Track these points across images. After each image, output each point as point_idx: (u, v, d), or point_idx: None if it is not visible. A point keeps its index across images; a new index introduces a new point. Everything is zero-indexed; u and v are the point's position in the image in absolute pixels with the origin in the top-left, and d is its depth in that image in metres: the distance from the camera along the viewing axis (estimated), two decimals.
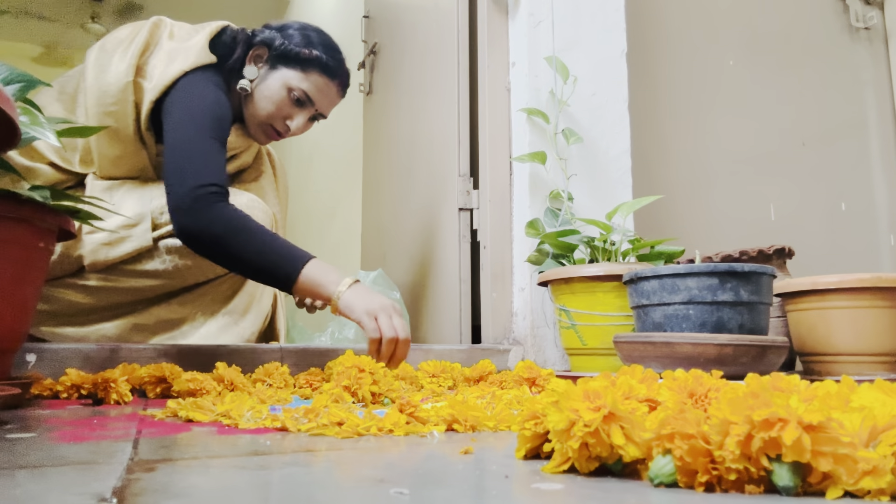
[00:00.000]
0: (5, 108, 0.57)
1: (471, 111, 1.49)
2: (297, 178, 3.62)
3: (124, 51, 1.21)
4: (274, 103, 1.28)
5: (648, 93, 1.62)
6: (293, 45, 1.27)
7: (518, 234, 1.36)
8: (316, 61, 1.28)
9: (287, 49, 1.27)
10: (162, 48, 1.23)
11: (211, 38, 1.26)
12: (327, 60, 1.29)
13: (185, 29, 1.29)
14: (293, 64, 1.28)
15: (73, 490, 0.37)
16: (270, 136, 1.33)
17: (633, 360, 0.86)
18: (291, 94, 1.28)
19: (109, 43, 1.23)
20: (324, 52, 1.29)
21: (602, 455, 0.41)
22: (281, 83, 1.28)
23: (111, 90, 1.18)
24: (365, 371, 0.83)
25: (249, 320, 1.27)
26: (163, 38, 1.25)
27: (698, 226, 1.63)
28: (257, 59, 1.30)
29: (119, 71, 1.19)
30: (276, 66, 1.28)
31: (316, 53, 1.28)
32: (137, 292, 1.19)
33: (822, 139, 1.84)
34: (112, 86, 1.18)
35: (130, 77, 1.19)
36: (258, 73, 1.29)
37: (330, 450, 0.52)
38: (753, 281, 0.85)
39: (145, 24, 1.26)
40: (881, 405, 0.39)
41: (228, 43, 1.28)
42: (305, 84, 1.28)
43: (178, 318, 1.21)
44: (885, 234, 1.86)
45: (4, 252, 0.72)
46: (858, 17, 1.92)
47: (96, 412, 0.74)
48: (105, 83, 1.19)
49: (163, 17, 1.30)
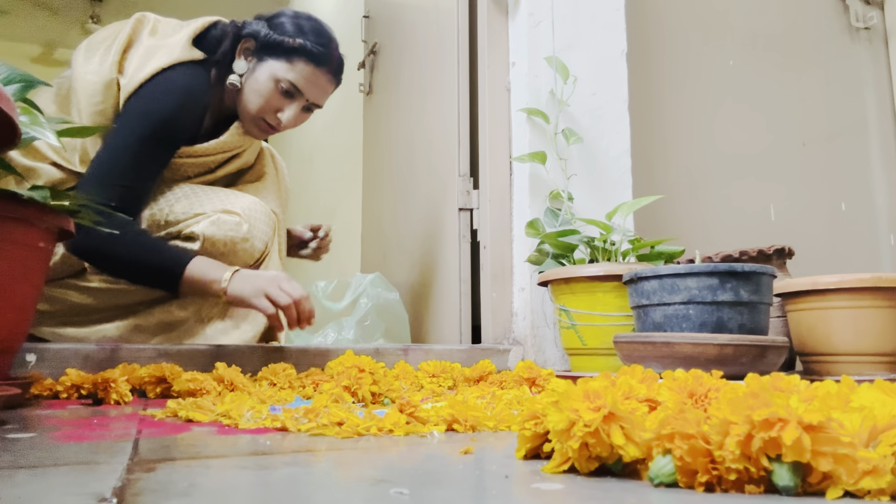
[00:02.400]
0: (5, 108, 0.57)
1: (471, 111, 1.49)
2: (297, 178, 3.61)
3: (107, 49, 1.21)
4: (262, 96, 1.25)
5: (648, 93, 1.62)
6: (278, 35, 1.24)
7: (518, 234, 1.36)
8: (301, 50, 1.24)
9: (271, 39, 1.24)
10: (141, 44, 1.21)
11: (200, 33, 1.24)
12: (313, 48, 1.25)
13: (170, 25, 1.27)
14: (279, 54, 1.25)
15: (73, 490, 0.37)
16: (264, 129, 1.30)
17: (633, 360, 0.86)
18: (279, 86, 1.25)
19: (94, 42, 1.23)
20: (311, 39, 1.25)
21: (602, 455, 0.41)
22: (268, 75, 1.25)
23: (97, 89, 1.18)
24: (365, 371, 0.83)
25: (250, 323, 1.27)
26: (143, 35, 1.23)
27: (698, 226, 1.63)
28: (246, 53, 1.27)
29: (102, 70, 1.18)
30: (263, 58, 1.26)
31: (300, 42, 1.24)
32: (139, 293, 1.19)
33: (823, 139, 1.84)
34: (97, 84, 1.18)
35: (113, 75, 1.18)
36: (247, 66, 1.27)
37: (330, 450, 0.52)
38: (753, 281, 0.85)
39: (128, 22, 1.24)
40: (881, 405, 0.39)
41: (218, 37, 1.26)
42: (292, 74, 1.24)
43: (178, 320, 1.21)
44: (885, 234, 1.86)
45: (5, 252, 0.72)
46: (858, 17, 1.92)
47: (96, 412, 0.74)
48: (90, 82, 1.18)
49: (146, 13, 1.28)
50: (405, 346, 1.25)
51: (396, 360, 1.18)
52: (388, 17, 2.03)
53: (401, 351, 1.22)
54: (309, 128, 2.17)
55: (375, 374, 0.84)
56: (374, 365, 0.85)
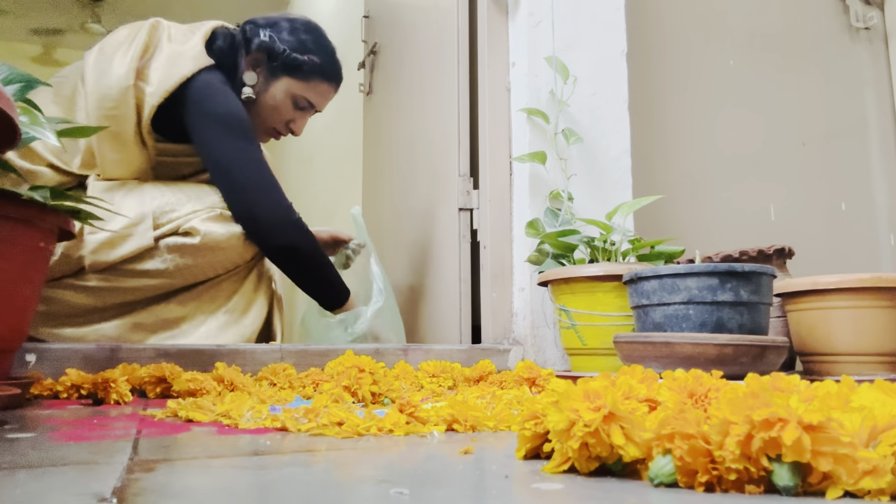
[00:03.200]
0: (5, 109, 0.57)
1: (471, 111, 1.49)
2: (297, 178, 3.62)
3: (124, 53, 1.21)
4: (279, 111, 1.35)
5: (648, 93, 1.62)
6: (293, 54, 1.31)
7: (518, 234, 1.36)
8: (318, 69, 1.33)
9: (288, 58, 1.31)
10: (162, 51, 1.23)
11: (207, 40, 1.27)
12: (326, 66, 1.35)
13: (181, 30, 1.30)
14: (295, 73, 1.33)
15: (73, 490, 0.37)
16: (273, 136, 1.41)
17: (633, 360, 0.85)
18: (296, 103, 1.35)
19: (108, 46, 1.23)
20: (322, 57, 1.34)
21: (602, 455, 0.41)
22: (284, 93, 1.33)
23: (111, 94, 1.19)
24: (365, 371, 0.83)
25: (250, 318, 1.27)
26: (162, 41, 1.25)
27: (698, 226, 1.63)
28: (255, 64, 1.32)
29: (119, 74, 1.19)
30: (277, 75, 1.32)
31: (316, 61, 1.32)
32: (137, 292, 1.19)
33: (823, 139, 1.84)
34: (112, 89, 1.19)
35: (131, 81, 1.19)
36: (257, 78, 1.33)
37: (330, 450, 0.52)
38: (753, 281, 0.85)
39: (143, 26, 1.26)
40: (881, 405, 0.39)
41: (224, 46, 1.30)
42: (310, 93, 1.35)
43: (177, 317, 1.21)
44: (885, 234, 1.86)
45: (5, 252, 0.72)
46: (858, 17, 1.92)
47: (96, 412, 0.74)
48: (105, 87, 1.19)
49: (160, 19, 1.30)
50: (405, 346, 1.26)
51: (396, 360, 1.19)
52: (388, 17, 2.03)
53: (401, 351, 1.22)
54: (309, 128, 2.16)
55: (375, 374, 0.84)
56: (374, 365, 0.85)
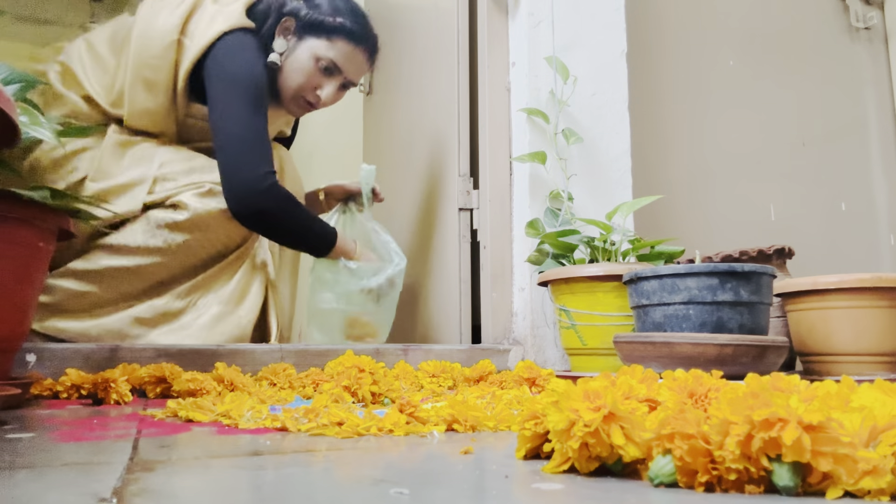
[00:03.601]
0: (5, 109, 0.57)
1: (471, 111, 1.49)
2: None
3: (173, 9, 1.25)
4: (303, 74, 1.32)
5: (648, 93, 1.62)
6: (319, 14, 1.31)
7: (518, 234, 1.36)
8: (341, 28, 1.31)
9: (312, 18, 1.30)
10: (206, 10, 1.26)
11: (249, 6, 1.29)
12: (352, 27, 1.32)
13: None
14: (319, 33, 1.31)
15: (72, 490, 0.37)
16: (303, 107, 1.37)
17: (633, 360, 0.85)
18: (319, 64, 1.31)
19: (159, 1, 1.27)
20: (349, 18, 1.32)
21: (602, 455, 0.41)
22: (309, 53, 1.31)
23: (154, 45, 1.22)
24: (365, 371, 0.83)
25: (245, 308, 1.28)
26: (207, 1, 1.28)
27: (698, 226, 1.63)
28: (286, 31, 1.32)
29: (166, 28, 1.22)
30: (303, 37, 1.31)
31: (340, 20, 1.31)
32: (136, 277, 1.19)
33: (823, 139, 1.84)
34: (156, 40, 1.22)
35: (176, 35, 1.22)
36: (287, 45, 1.32)
37: (330, 450, 0.52)
38: (753, 281, 0.85)
39: None
40: (881, 405, 0.39)
41: (264, 11, 1.31)
42: (332, 52, 1.31)
43: (176, 310, 1.22)
44: (885, 234, 1.86)
45: (5, 252, 0.72)
46: (858, 17, 1.92)
47: (96, 412, 0.74)
48: (150, 38, 1.22)
49: None
50: (405, 346, 1.26)
51: (396, 359, 1.19)
52: (388, 17, 2.03)
53: (401, 351, 1.22)
54: (309, 128, 2.17)
55: (375, 374, 0.84)
56: (374, 365, 0.85)
